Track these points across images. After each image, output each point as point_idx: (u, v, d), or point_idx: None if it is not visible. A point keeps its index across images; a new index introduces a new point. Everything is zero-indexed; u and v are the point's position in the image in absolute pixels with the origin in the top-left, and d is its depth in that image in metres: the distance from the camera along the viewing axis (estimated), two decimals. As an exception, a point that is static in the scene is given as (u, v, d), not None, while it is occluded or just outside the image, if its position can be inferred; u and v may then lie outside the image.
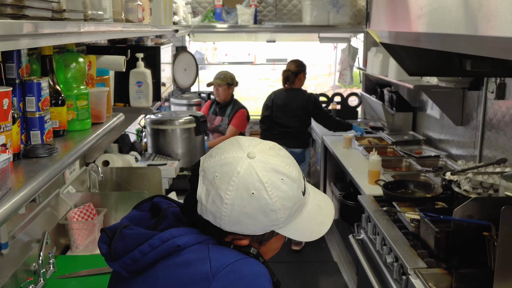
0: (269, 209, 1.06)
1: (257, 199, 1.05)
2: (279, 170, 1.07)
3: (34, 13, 1.04)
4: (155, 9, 2.80)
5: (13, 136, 1.18)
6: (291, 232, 1.12)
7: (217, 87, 4.49)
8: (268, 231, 1.10)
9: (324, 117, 4.56)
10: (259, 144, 1.11)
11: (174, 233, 1.06)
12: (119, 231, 1.10)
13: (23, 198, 1.04)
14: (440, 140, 3.90)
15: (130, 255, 1.06)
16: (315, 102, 4.51)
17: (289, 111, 4.49)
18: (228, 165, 1.06)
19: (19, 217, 1.94)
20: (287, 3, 5.31)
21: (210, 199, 1.06)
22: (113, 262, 1.08)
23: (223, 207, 1.05)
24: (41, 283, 1.91)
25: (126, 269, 1.08)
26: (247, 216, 1.05)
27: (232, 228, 1.07)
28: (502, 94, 2.85)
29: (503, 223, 1.69)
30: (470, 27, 1.24)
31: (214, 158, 1.09)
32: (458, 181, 2.51)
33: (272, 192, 1.05)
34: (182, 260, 1.04)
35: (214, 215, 1.06)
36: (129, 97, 2.56)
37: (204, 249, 1.05)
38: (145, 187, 2.75)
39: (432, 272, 1.99)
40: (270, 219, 1.07)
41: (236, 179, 1.04)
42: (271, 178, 1.06)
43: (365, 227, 2.79)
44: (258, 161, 1.06)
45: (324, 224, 1.16)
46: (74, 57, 1.65)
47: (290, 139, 4.46)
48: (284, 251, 4.33)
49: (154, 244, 1.05)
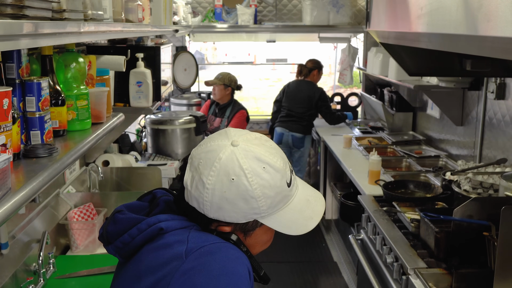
0: (249, 195, 1.07)
1: (237, 185, 1.06)
2: (261, 158, 1.09)
3: (34, 13, 1.04)
4: (155, 9, 2.80)
5: (13, 136, 1.18)
6: (275, 223, 1.12)
7: (214, 87, 4.48)
8: (250, 220, 1.11)
9: (328, 110, 4.90)
10: (245, 134, 1.14)
11: (161, 218, 1.11)
12: (112, 215, 1.16)
13: (23, 198, 1.04)
14: (440, 140, 3.90)
15: (121, 239, 1.11)
16: (321, 94, 4.85)
17: (297, 99, 4.86)
18: (212, 152, 1.09)
19: (19, 217, 1.94)
20: (287, 3, 5.31)
21: (194, 184, 1.09)
22: (108, 246, 1.14)
23: (204, 192, 1.07)
24: (41, 283, 1.91)
25: (119, 253, 1.13)
26: (227, 202, 1.07)
27: (215, 214, 1.09)
28: (502, 94, 2.85)
29: (503, 223, 1.69)
30: (470, 27, 1.24)
31: (201, 147, 1.13)
32: (458, 181, 2.51)
33: (252, 179, 1.07)
34: (163, 242, 1.07)
35: (198, 200, 1.09)
36: (129, 97, 2.56)
37: (185, 232, 1.08)
38: (145, 187, 2.75)
39: (432, 272, 1.99)
40: (251, 206, 1.08)
41: (218, 165, 1.07)
42: (252, 165, 1.07)
43: (365, 227, 2.79)
44: (241, 149, 1.09)
45: (312, 218, 1.16)
46: (74, 57, 1.65)
47: (292, 124, 4.83)
48: (284, 251, 4.33)
49: (142, 228, 1.09)
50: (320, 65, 4.99)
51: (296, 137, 4.83)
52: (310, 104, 4.81)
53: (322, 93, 4.84)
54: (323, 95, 4.85)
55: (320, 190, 4.92)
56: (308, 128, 4.90)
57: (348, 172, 3.61)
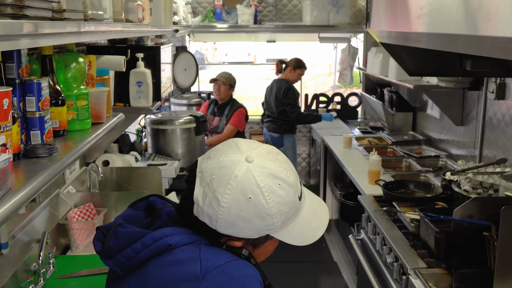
0: (266, 213, 1.06)
1: (254, 204, 1.05)
2: (276, 175, 1.07)
3: (34, 13, 1.04)
4: (155, 9, 2.80)
5: (13, 136, 1.18)
6: (285, 236, 1.12)
7: (220, 85, 4.52)
8: (263, 235, 1.11)
9: (292, 109, 4.69)
10: (257, 147, 1.11)
11: (166, 232, 1.07)
12: (113, 229, 1.10)
13: (23, 198, 1.04)
14: (440, 140, 3.90)
15: (123, 253, 1.07)
16: (285, 90, 4.72)
17: (270, 98, 4.87)
18: (226, 168, 1.06)
19: (19, 217, 1.93)
20: (287, 3, 5.31)
21: (207, 201, 1.06)
22: (107, 260, 1.10)
23: (219, 210, 1.05)
24: (41, 283, 1.91)
25: (120, 267, 1.09)
26: (243, 220, 1.05)
27: (228, 231, 1.07)
28: (502, 94, 2.85)
29: (503, 223, 1.69)
30: (470, 27, 1.24)
31: (212, 160, 1.09)
32: (458, 181, 2.51)
33: (269, 197, 1.05)
34: (173, 259, 1.04)
35: (210, 217, 1.06)
36: (129, 97, 2.56)
37: (195, 249, 1.06)
38: (145, 187, 2.75)
39: (432, 272, 1.99)
40: (266, 223, 1.07)
41: (234, 183, 1.04)
42: (269, 183, 1.05)
43: (365, 227, 2.79)
44: (256, 165, 1.06)
45: (319, 229, 1.16)
46: (74, 57, 1.65)
47: (270, 123, 4.88)
48: (284, 251, 4.32)
49: (146, 243, 1.05)
50: (298, 63, 4.79)
51: (274, 137, 4.82)
52: (279, 103, 4.74)
53: (285, 89, 4.70)
54: (287, 91, 4.69)
55: (320, 190, 4.92)
56: (285, 127, 4.81)
57: (348, 172, 3.61)
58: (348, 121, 5.37)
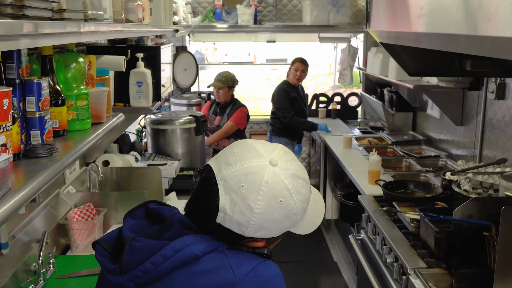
0: (293, 213, 1.09)
1: (285, 206, 1.07)
2: (298, 174, 1.10)
3: (34, 13, 1.04)
4: (155, 9, 2.80)
5: (13, 136, 1.18)
6: (299, 229, 1.16)
7: (218, 90, 4.49)
8: (284, 232, 1.14)
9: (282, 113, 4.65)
10: (274, 149, 1.12)
11: (187, 241, 1.04)
12: (128, 244, 1.06)
13: (23, 198, 1.04)
14: (440, 140, 3.90)
15: (141, 267, 1.03)
16: (276, 93, 4.75)
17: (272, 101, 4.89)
18: (254, 174, 1.06)
19: (19, 217, 1.93)
20: (287, 3, 5.31)
21: (237, 209, 1.05)
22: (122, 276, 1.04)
23: (252, 216, 1.05)
24: (41, 283, 1.91)
25: (134, 282, 1.04)
26: (273, 222, 1.08)
27: (256, 234, 1.09)
28: (502, 94, 2.85)
29: (503, 223, 1.69)
30: (470, 27, 1.24)
31: (234, 167, 1.07)
32: (458, 181, 2.51)
33: (296, 197, 1.08)
34: (201, 269, 1.02)
35: (240, 223, 1.06)
36: (129, 97, 2.56)
37: (221, 256, 1.05)
38: (145, 187, 2.75)
39: (432, 272, 1.99)
40: (291, 221, 1.11)
41: (265, 188, 1.05)
42: (294, 184, 1.08)
43: (365, 227, 2.79)
44: (281, 168, 1.08)
45: (320, 215, 1.21)
46: (74, 57, 1.65)
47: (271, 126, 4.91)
48: (284, 251, 4.32)
49: (167, 255, 1.02)
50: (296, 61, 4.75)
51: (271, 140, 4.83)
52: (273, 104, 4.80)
53: (277, 91, 4.72)
54: (277, 94, 4.70)
55: (320, 190, 4.92)
56: (283, 130, 4.78)
57: (348, 172, 3.61)
58: (348, 121, 5.37)
